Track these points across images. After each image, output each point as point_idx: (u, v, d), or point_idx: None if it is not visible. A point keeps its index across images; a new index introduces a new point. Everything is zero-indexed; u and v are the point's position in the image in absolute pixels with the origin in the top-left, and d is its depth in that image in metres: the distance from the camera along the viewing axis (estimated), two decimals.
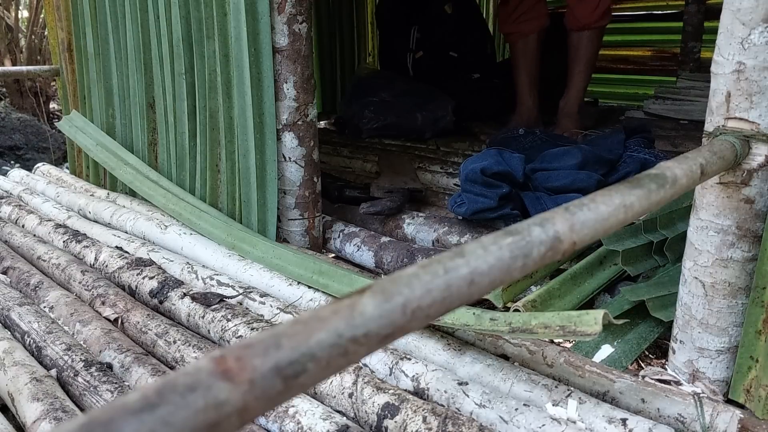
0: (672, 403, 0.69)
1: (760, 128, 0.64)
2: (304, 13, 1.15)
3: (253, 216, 1.22)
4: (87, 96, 1.69)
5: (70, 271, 1.13)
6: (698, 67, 2.55)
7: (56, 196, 1.62)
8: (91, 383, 0.78)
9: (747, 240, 0.68)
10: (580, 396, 0.70)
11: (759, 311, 0.69)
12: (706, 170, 0.55)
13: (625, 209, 0.44)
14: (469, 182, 1.20)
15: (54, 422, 0.70)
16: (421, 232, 1.28)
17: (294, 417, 0.70)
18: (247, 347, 0.24)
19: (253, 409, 0.24)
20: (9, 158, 2.78)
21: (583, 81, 1.86)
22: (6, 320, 0.98)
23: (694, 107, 2.11)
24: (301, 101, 1.19)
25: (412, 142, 2.03)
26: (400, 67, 2.44)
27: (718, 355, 0.74)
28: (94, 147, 1.59)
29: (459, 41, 2.37)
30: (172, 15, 1.29)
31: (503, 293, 0.95)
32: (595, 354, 0.86)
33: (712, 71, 0.67)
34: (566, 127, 1.84)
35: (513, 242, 0.36)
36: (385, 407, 0.70)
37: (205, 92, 1.25)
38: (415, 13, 2.38)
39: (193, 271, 1.09)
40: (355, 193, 1.48)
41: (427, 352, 0.82)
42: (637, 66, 3.23)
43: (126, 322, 0.95)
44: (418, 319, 0.30)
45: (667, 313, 0.87)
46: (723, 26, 0.65)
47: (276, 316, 0.95)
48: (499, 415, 0.68)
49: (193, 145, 1.35)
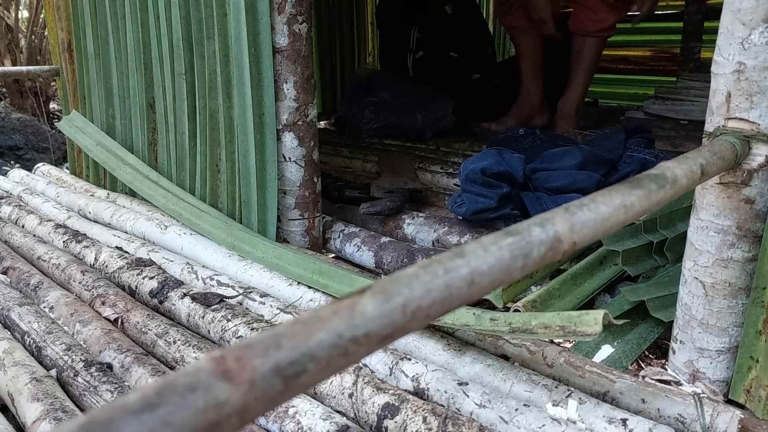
0: (672, 403, 0.69)
1: (761, 128, 0.64)
2: (304, 14, 1.15)
3: (253, 216, 1.22)
4: (87, 96, 1.69)
5: (70, 271, 1.13)
6: (698, 67, 2.55)
7: (56, 196, 1.62)
8: (91, 383, 0.78)
9: (747, 240, 0.68)
10: (580, 396, 0.70)
11: (759, 311, 0.69)
12: (706, 170, 0.55)
13: (625, 209, 0.44)
14: (469, 182, 1.20)
15: (54, 422, 0.70)
16: (421, 232, 1.28)
17: (294, 417, 0.70)
18: (247, 347, 0.24)
19: (253, 409, 0.24)
20: (9, 158, 2.78)
21: (582, 84, 1.87)
22: (6, 320, 0.98)
23: (694, 107, 2.11)
24: (301, 101, 1.19)
25: (412, 142, 2.03)
26: (400, 68, 2.44)
27: (719, 356, 0.74)
28: (94, 147, 1.59)
29: (459, 41, 2.37)
30: (172, 15, 1.29)
31: (503, 293, 0.95)
32: (595, 354, 0.86)
33: (712, 71, 0.67)
34: (563, 129, 1.84)
35: (513, 242, 0.36)
36: (385, 407, 0.70)
37: (205, 92, 1.25)
38: (415, 14, 2.38)
39: (193, 271, 1.09)
40: (355, 193, 1.48)
41: (427, 352, 0.82)
42: (637, 66, 3.23)
43: (126, 323, 0.95)
44: (418, 320, 0.30)
45: (667, 313, 0.87)
46: (723, 26, 0.65)
47: (276, 316, 0.95)
48: (499, 415, 0.68)
49: (193, 146, 1.35)
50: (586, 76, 1.86)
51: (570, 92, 1.88)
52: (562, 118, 1.88)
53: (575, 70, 1.86)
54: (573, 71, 1.87)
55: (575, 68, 1.86)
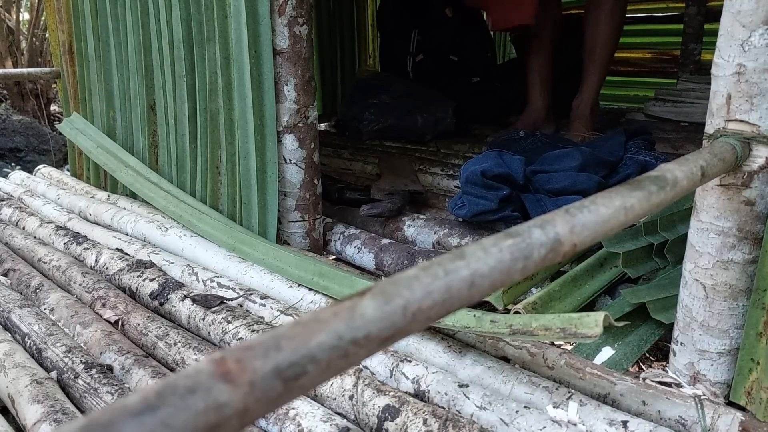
0: (673, 405, 0.69)
1: (761, 130, 0.64)
2: (305, 16, 1.15)
3: (253, 218, 1.22)
4: (88, 98, 1.69)
5: (70, 273, 1.13)
6: (698, 69, 2.55)
7: (57, 198, 1.62)
8: (91, 385, 0.78)
9: (748, 242, 0.68)
10: (580, 398, 0.70)
11: (760, 313, 0.69)
12: (706, 172, 0.55)
13: (625, 211, 0.44)
14: (469, 184, 1.20)
15: (54, 424, 0.70)
16: (421, 234, 1.28)
17: (294, 419, 0.70)
18: (247, 349, 0.24)
19: (254, 411, 0.24)
20: (10, 160, 2.79)
21: (596, 83, 1.82)
22: (6, 322, 0.98)
23: (694, 109, 2.11)
24: (302, 103, 1.19)
25: (413, 144, 2.03)
26: (400, 70, 2.44)
27: (719, 358, 0.74)
28: (94, 149, 1.59)
29: (459, 45, 2.37)
30: (172, 17, 1.29)
31: (504, 295, 0.95)
32: (595, 356, 0.86)
33: (712, 73, 0.67)
34: (577, 130, 1.82)
35: (513, 244, 0.36)
36: (385, 409, 0.70)
37: (206, 94, 1.26)
38: (415, 16, 2.38)
39: (193, 273, 1.09)
40: (356, 195, 1.48)
41: (427, 354, 0.82)
42: (638, 68, 3.24)
43: (126, 324, 0.95)
44: (418, 321, 0.30)
45: (667, 315, 0.87)
46: (723, 28, 0.65)
47: (276, 318, 0.95)
48: (499, 417, 0.68)
49: (193, 147, 1.35)
50: (600, 74, 1.82)
51: (584, 92, 1.84)
52: (577, 119, 1.84)
53: (588, 69, 1.82)
54: (586, 70, 1.83)
55: (588, 67, 1.82)
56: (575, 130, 1.83)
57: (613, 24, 1.79)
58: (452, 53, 2.37)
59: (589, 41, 1.81)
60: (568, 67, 2.10)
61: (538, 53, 1.93)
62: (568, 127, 1.88)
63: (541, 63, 1.93)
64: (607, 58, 1.82)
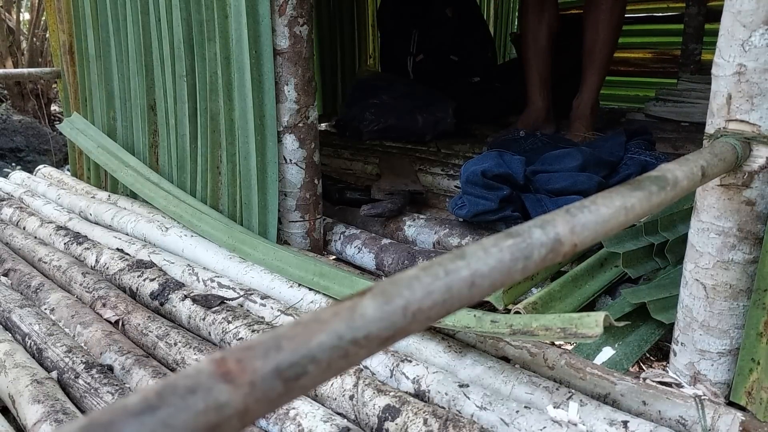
0: (673, 405, 0.69)
1: (761, 130, 0.64)
2: (305, 16, 1.15)
3: (253, 218, 1.22)
4: (88, 98, 1.69)
5: (71, 273, 1.13)
6: (699, 69, 2.55)
7: (57, 198, 1.62)
8: (91, 385, 0.78)
9: (748, 242, 0.68)
10: (581, 398, 0.70)
11: (760, 313, 0.69)
12: (707, 172, 0.55)
13: (626, 211, 0.44)
14: (469, 184, 1.20)
15: (55, 424, 0.70)
16: (421, 234, 1.28)
17: (295, 419, 0.70)
18: (247, 349, 0.24)
19: (254, 411, 0.24)
20: (10, 160, 2.79)
21: (597, 83, 1.82)
22: (7, 322, 0.98)
23: (694, 109, 2.11)
24: (302, 103, 1.19)
25: (413, 144, 2.03)
26: (400, 70, 2.44)
27: (720, 358, 0.74)
28: (95, 149, 1.59)
29: (459, 45, 2.37)
30: (173, 17, 1.29)
31: (504, 295, 0.95)
32: (596, 356, 0.86)
33: (712, 73, 0.67)
34: (578, 130, 1.82)
35: (514, 244, 0.36)
36: (385, 409, 0.70)
37: (206, 94, 1.26)
38: (416, 16, 2.38)
39: (194, 273, 1.09)
40: (356, 195, 1.48)
41: (428, 354, 0.82)
42: (638, 68, 3.24)
43: (127, 324, 0.95)
44: (418, 322, 0.30)
45: (668, 315, 0.87)
46: (724, 28, 0.65)
47: (277, 318, 0.95)
48: (500, 417, 0.68)
49: (194, 148, 1.35)
50: (599, 74, 1.82)
51: (584, 92, 1.84)
52: (577, 119, 1.84)
53: (588, 69, 1.82)
54: (586, 70, 1.83)
55: (588, 67, 1.82)
56: (575, 130, 1.83)
57: (613, 24, 1.79)
58: (452, 53, 2.37)
59: (589, 41, 1.81)
60: (568, 67, 2.10)
61: (536, 52, 1.93)
62: (569, 127, 1.87)
63: (539, 62, 1.93)
64: (606, 58, 1.82)
